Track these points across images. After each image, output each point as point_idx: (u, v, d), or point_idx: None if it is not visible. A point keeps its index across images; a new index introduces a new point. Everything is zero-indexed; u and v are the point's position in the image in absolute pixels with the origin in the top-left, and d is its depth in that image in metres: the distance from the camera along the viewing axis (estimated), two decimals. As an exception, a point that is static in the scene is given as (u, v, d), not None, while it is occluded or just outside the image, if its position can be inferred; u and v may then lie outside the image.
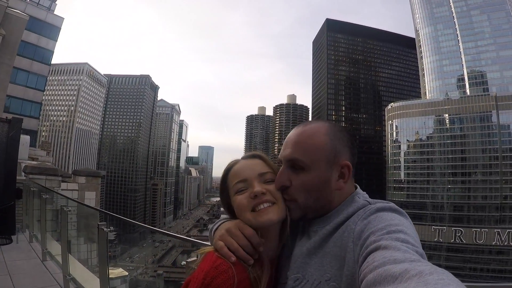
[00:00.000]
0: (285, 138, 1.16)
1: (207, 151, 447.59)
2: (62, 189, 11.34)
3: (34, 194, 7.57)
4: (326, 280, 1.00)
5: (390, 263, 0.71)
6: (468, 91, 70.18)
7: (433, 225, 63.26)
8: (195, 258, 1.30)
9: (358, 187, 1.20)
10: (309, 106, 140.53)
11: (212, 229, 1.28)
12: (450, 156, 65.48)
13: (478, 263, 57.87)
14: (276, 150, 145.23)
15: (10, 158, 6.71)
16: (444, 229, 61.97)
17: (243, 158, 1.26)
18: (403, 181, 69.45)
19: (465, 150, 64.49)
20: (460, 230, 60.43)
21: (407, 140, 72.84)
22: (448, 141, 66.52)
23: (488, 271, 56.27)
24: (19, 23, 22.75)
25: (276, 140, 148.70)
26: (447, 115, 68.63)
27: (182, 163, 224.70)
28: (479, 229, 58.81)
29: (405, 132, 73.23)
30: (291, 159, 1.10)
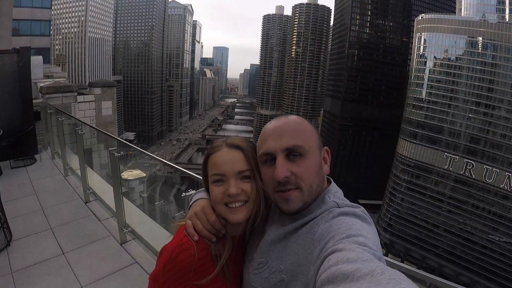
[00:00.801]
0: (303, 40, 1.44)
1: (221, 52, 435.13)
2: (79, 102, 11.92)
3: (51, 114, 8.02)
4: (279, 270, 1.08)
5: (343, 262, 0.72)
6: (507, 17, 60.77)
7: (446, 152, 60.79)
8: (193, 192, 1.68)
9: (332, 181, 1.23)
10: (332, 7, 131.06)
11: (190, 201, 1.42)
12: (477, 83, 60.08)
13: (482, 202, 56.41)
14: (293, 53, 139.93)
15: (24, 85, 7.17)
16: (456, 158, 59.60)
17: (226, 144, 1.24)
18: (423, 100, 64.77)
19: (493, 81, 58.49)
20: (471, 163, 57.89)
21: (434, 57, 66.71)
22: (478, 67, 60.31)
23: (489, 213, 55.20)
24: None
25: (294, 42, 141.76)
26: (480, 38, 61.20)
27: (197, 64, 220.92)
28: (490, 168, 55.97)
29: (433, 48, 66.71)
30: (290, 146, 1.10)
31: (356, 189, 79.53)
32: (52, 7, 51.62)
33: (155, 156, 3.96)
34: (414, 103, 66.37)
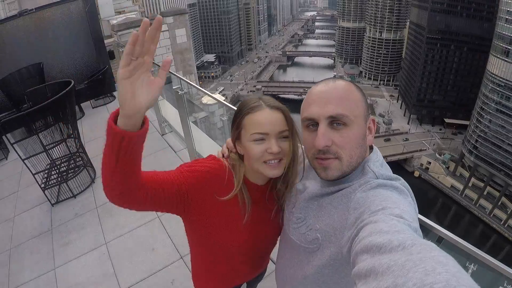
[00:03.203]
0: None
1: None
2: None
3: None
4: (315, 229, 1.11)
5: (376, 233, 0.74)
6: None
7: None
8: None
9: (375, 148, 1.20)
10: None
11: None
12: None
13: None
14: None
15: (94, 29, 7.60)
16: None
17: (267, 104, 1.26)
18: None
19: None
20: None
21: None
22: None
23: None
24: None
25: None
26: None
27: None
28: None
29: None
30: (334, 115, 1.06)
31: (442, 107, 74.26)
32: None
33: (209, 93, 3.92)
34: (507, 16, 55.71)
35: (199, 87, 4.52)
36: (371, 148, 1.19)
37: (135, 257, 3.36)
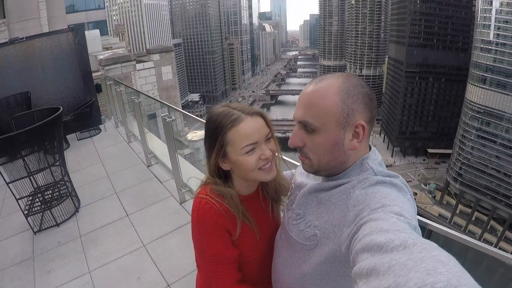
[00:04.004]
0: None
1: (279, 4, 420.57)
2: (138, 70, 12.54)
3: (111, 85, 8.32)
4: (314, 226, 1.11)
5: (377, 232, 0.74)
6: None
7: (517, 97, 54.26)
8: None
9: (373, 148, 1.19)
10: None
11: None
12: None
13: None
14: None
15: (82, 61, 7.68)
16: (528, 103, 52.72)
17: (246, 113, 1.25)
18: (491, 42, 58.02)
19: None
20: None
21: None
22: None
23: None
24: None
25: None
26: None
27: (255, 20, 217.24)
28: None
29: None
30: (302, 121, 1.09)
31: (424, 138, 76.76)
32: (104, -20, 53.62)
33: (199, 119, 3.99)
34: (481, 45, 59.24)
35: (187, 112, 4.61)
36: (370, 148, 1.19)
37: (120, 286, 3.25)
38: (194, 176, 5.02)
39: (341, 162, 1.11)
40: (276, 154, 1.32)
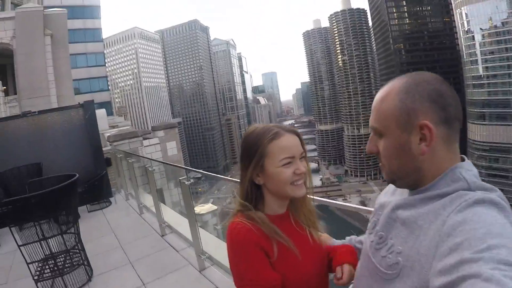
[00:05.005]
0: (347, 48, 1.35)
1: (270, 77, 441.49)
2: (145, 146, 12.62)
3: (121, 159, 8.40)
4: (397, 252, 0.97)
5: None
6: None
7: (519, 125, 54.29)
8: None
9: (466, 159, 1.04)
10: (366, 8, 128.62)
11: None
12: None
13: None
14: (340, 62, 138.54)
15: (92, 136, 7.79)
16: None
17: (285, 130, 1.32)
18: (482, 76, 59.56)
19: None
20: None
21: (480, 29, 61.50)
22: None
23: None
24: (61, 18, 23.48)
25: (338, 51, 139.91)
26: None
27: (249, 94, 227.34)
28: None
29: (476, 20, 61.64)
30: (371, 126, 1.09)
31: None
32: (106, 64, 57.53)
33: (223, 177, 3.93)
34: (473, 82, 61.60)
35: (203, 172, 4.57)
36: (462, 159, 1.04)
37: None
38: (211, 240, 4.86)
39: (414, 169, 1.00)
40: (307, 174, 1.33)
